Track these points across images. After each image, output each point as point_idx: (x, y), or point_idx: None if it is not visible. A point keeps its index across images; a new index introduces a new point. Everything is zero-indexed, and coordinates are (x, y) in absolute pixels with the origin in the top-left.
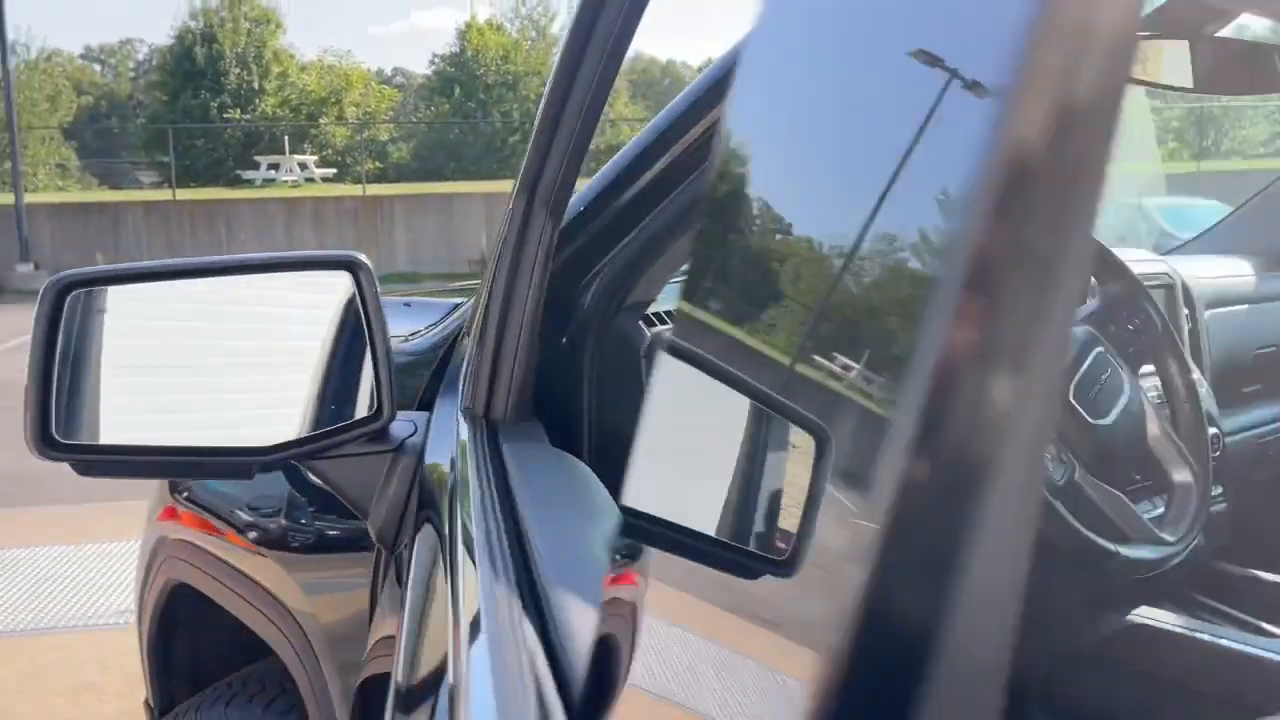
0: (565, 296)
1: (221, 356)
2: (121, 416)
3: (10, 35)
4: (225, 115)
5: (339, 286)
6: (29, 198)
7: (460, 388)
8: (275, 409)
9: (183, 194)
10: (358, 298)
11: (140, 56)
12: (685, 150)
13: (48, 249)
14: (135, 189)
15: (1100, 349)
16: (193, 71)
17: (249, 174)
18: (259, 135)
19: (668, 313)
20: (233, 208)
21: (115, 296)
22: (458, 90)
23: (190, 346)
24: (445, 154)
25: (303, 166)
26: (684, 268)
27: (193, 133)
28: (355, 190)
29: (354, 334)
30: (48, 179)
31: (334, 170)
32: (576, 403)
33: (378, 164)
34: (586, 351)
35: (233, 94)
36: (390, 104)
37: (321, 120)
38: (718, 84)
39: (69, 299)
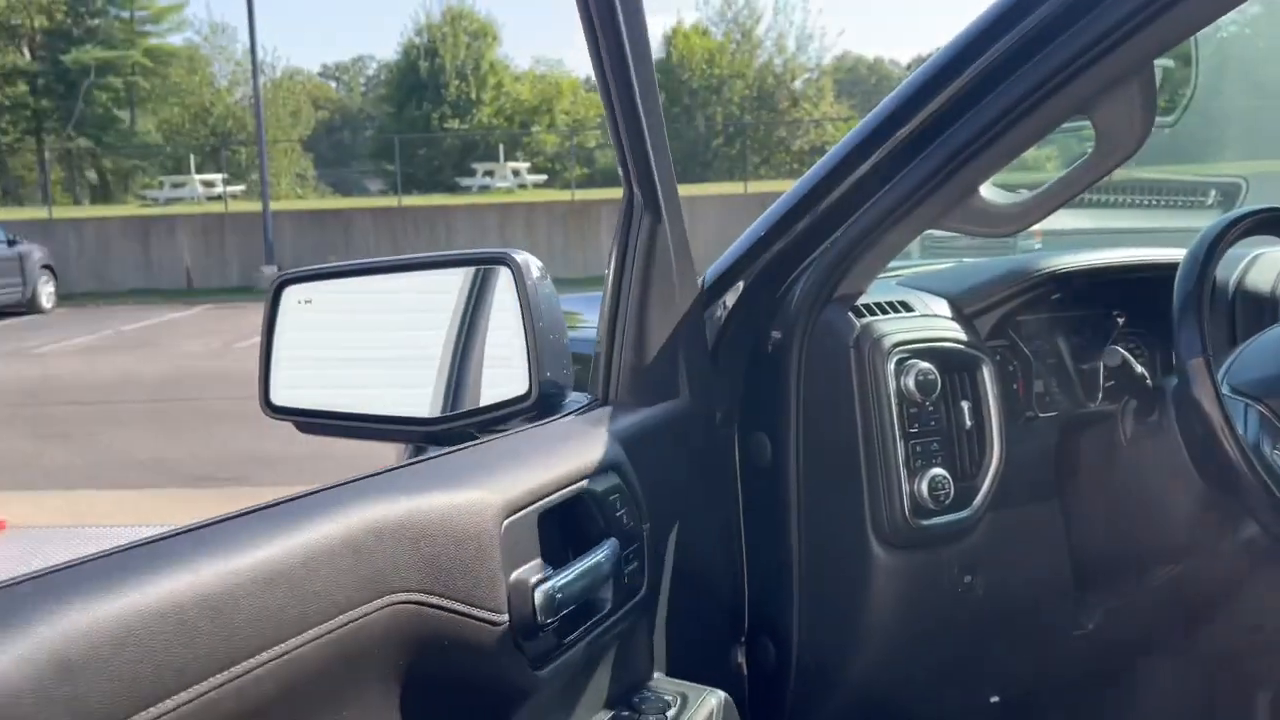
0: (775, 289)
1: (400, 339)
2: (323, 387)
3: (260, 55)
4: (445, 125)
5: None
6: (274, 205)
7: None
8: (443, 386)
9: (407, 200)
10: (515, 289)
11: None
12: (897, 146)
13: (289, 252)
14: (364, 196)
15: None
16: (416, 85)
17: (466, 181)
18: (475, 144)
19: (877, 304)
20: (451, 213)
21: (318, 290)
22: (662, 96)
23: (374, 330)
24: None
25: (515, 173)
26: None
27: (415, 143)
28: (565, 195)
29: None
30: (289, 188)
31: (545, 176)
32: (780, 391)
33: (585, 169)
34: (795, 342)
35: (452, 105)
36: (599, 111)
37: (533, 128)
38: (929, 82)
39: (284, 293)
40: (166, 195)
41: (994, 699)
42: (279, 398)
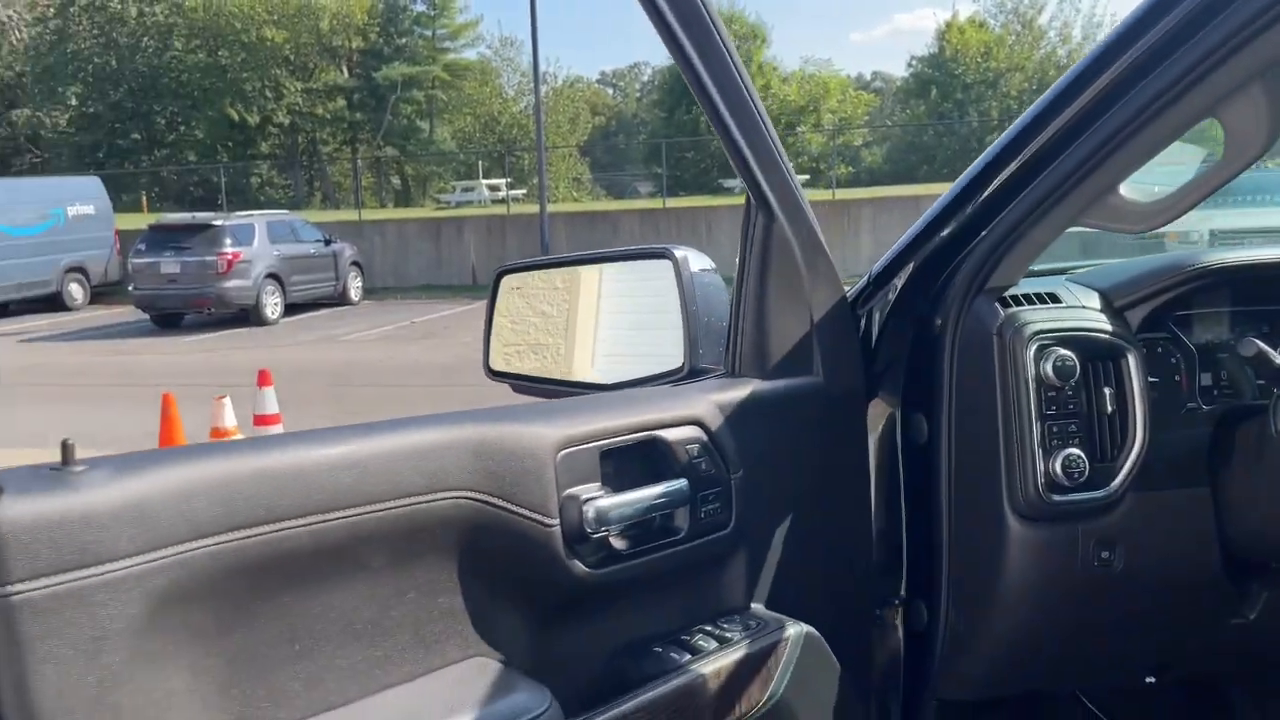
0: (935, 280)
1: (585, 318)
2: (527, 356)
3: (543, 65)
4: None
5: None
6: (550, 208)
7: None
8: (616, 357)
9: (672, 202)
10: (676, 279)
11: (645, 77)
12: (1043, 144)
13: (563, 251)
14: (635, 199)
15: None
16: (684, 90)
17: (729, 182)
18: None
19: (1026, 295)
20: (713, 213)
21: (527, 279)
22: (934, 91)
23: (566, 311)
24: (918, 156)
25: None
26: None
27: (683, 146)
28: (825, 195)
29: (672, 305)
30: (566, 191)
31: (807, 176)
32: (936, 374)
33: (849, 168)
34: (949, 329)
35: None
36: (867, 109)
37: (799, 129)
38: (1073, 84)
39: (502, 281)
40: (457, 198)
41: (1149, 680)
42: (496, 364)
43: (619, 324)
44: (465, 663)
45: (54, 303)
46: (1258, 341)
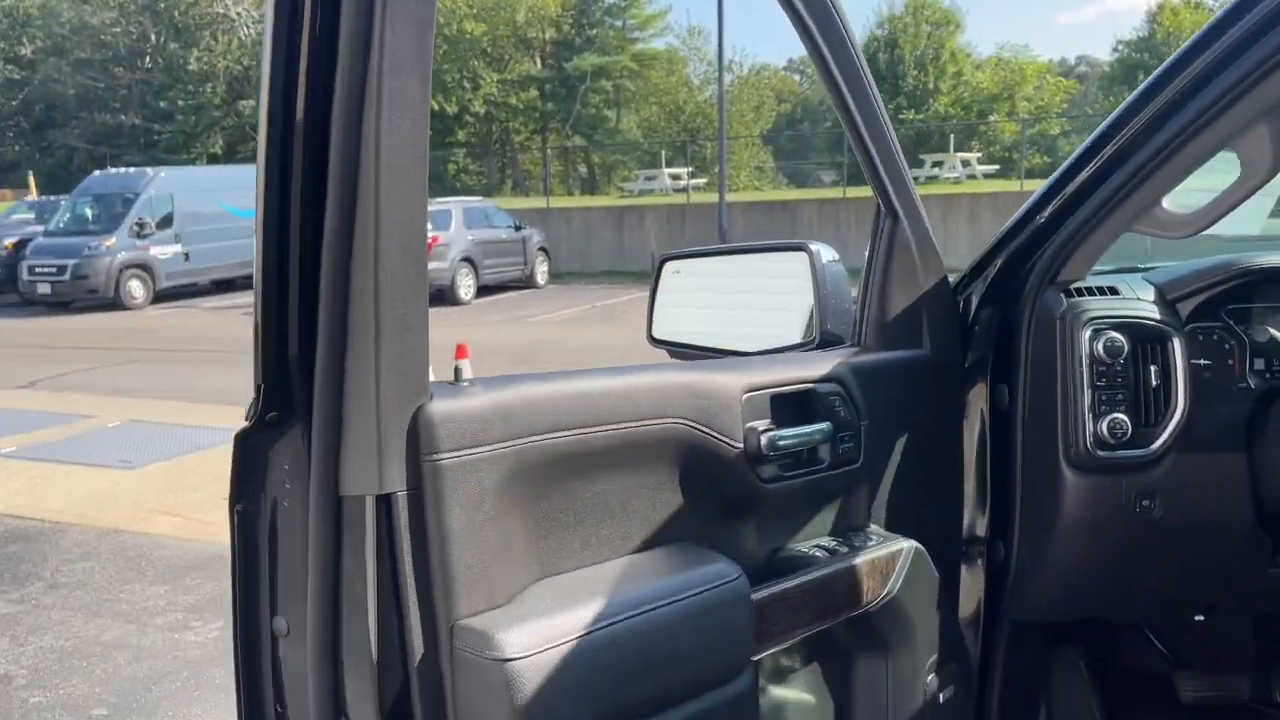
0: (1019, 271)
1: (732, 298)
2: (681, 327)
3: (729, 55)
4: (900, 116)
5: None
6: (730, 196)
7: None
8: (759, 329)
9: (852, 192)
10: (810, 268)
11: None
12: (1102, 163)
13: (739, 239)
14: (818, 188)
15: None
16: (875, 76)
17: (915, 172)
18: (929, 134)
19: (1089, 288)
20: None
21: (684, 265)
22: (1140, 77)
23: (715, 292)
24: None
25: (965, 164)
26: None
27: None
28: (1014, 186)
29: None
30: (747, 180)
31: (996, 167)
32: (1015, 351)
33: (1045, 158)
34: (1025, 314)
35: (908, 95)
36: (1066, 96)
37: (991, 117)
38: (1126, 111)
39: (665, 265)
40: (640, 187)
41: (1199, 618)
42: (657, 333)
43: (755, 304)
44: (679, 544)
45: None
46: (1270, 329)
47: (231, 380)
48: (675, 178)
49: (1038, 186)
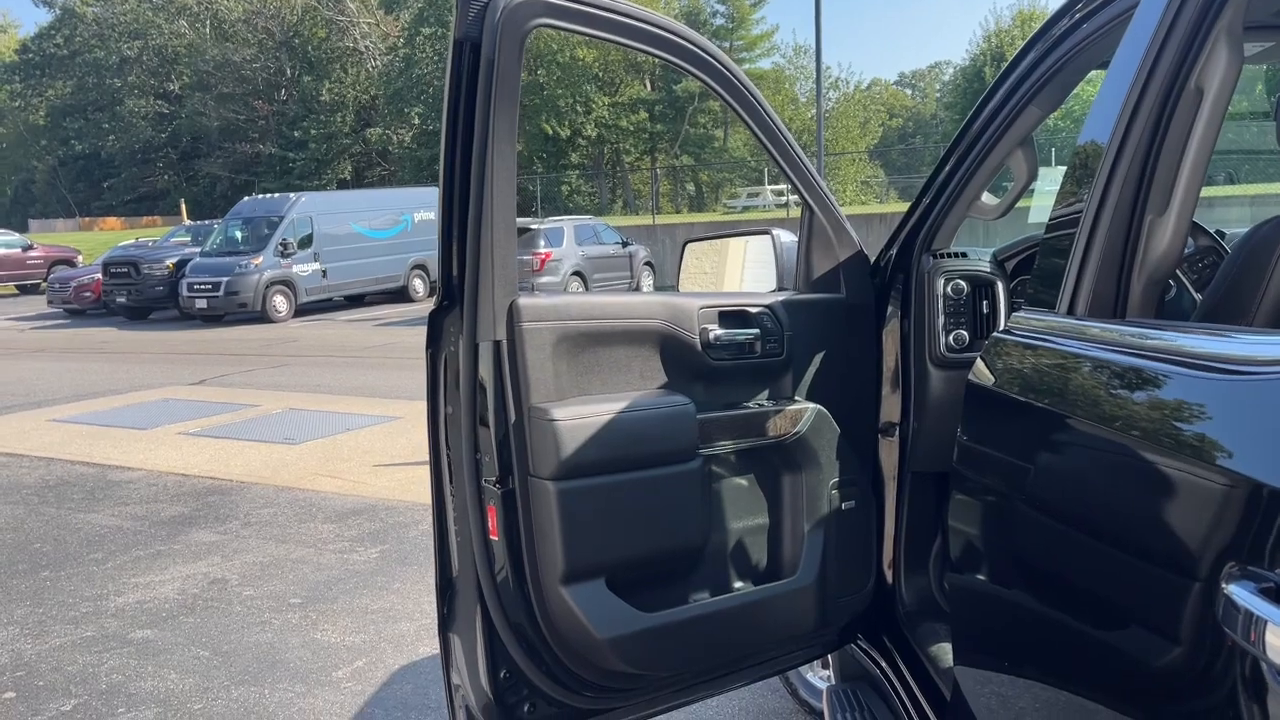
0: (913, 241)
1: (731, 270)
2: (700, 287)
3: (835, 72)
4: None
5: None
6: None
7: None
8: (747, 286)
9: None
10: (772, 249)
11: (946, 77)
12: (946, 165)
13: None
14: None
15: None
16: (981, 90)
17: (1007, 182)
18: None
19: (949, 253)
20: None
21: (700, 247)
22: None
23: (717, 266)
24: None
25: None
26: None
27: None
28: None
29: (770, 268)
30: (853, 194)
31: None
32: (908, 300)
33: None
34: (913, 272)
35: None
36: None
37: None
38: (960, 128)
39: (688, 248)
40: (743, 203)
41: None
42: (683, 290)
43: (745, 271)
44: (659, 389)
45: (401, 295)
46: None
47: (369, 379)
48: (778, 194)
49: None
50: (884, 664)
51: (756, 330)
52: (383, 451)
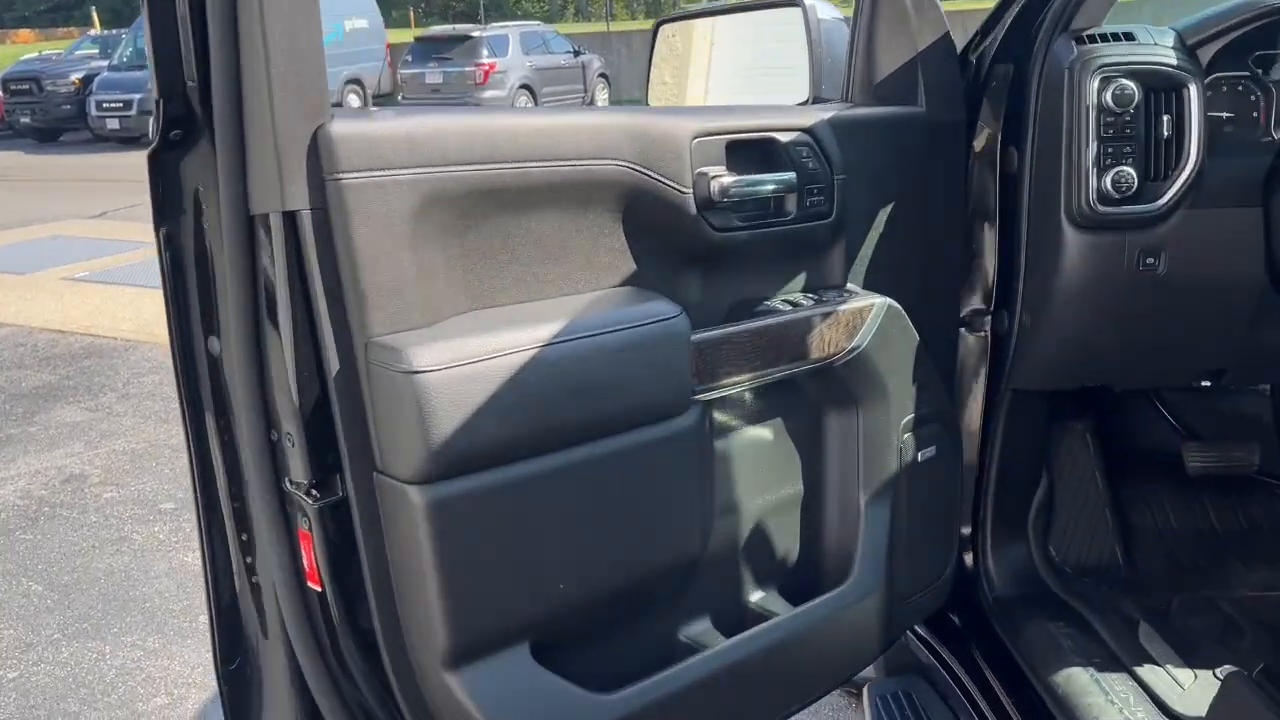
0: (1031, 25)
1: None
2: (678, 92)
3: None
4: None
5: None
6: None
7: None
8: (759, 94)
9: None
10: (803, 24)
11: None
12: None
13: None
14: None
15: None
16: None
17: None
18: None
19: (1103, 35)
20: None
21: (680, 27)
22: None
23: (709, 52)
24: None
25: None
26: None
27: None
28: None
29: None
30: None
31: None
32: (1025, 109)
33: None
34: (1035, 68)
35: None
36: None
37: None
38: None
39: (661, 30)
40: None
41: (1205, 383)
42: (653, 100)
43: (755, 67)
44: (622, 288)
45: None
46: None
47: None
48: None
49: None
50: (948, 655)
51: (792, 175)
52: None
